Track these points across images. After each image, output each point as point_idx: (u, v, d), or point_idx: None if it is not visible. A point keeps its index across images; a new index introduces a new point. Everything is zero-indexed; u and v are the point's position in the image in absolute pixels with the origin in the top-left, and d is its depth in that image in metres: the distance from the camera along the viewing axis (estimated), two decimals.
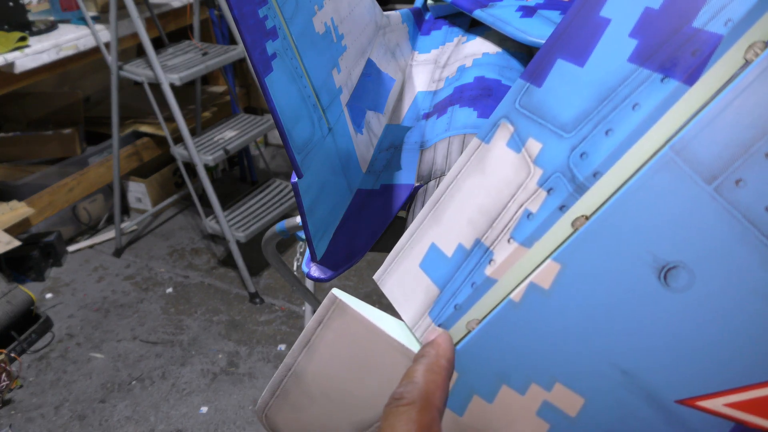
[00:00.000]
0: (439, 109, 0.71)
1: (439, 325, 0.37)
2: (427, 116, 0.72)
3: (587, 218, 0.30)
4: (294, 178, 0.50)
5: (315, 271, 0.57)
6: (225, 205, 2.36)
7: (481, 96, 0.69)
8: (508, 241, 0.33)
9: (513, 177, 0.34)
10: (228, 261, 2.52)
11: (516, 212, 0.33)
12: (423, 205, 0.42)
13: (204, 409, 1.90)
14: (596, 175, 0.30)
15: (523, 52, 0.80)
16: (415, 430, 0.31)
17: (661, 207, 0.28)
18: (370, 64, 0.68)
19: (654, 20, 0.30)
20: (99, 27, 2.31)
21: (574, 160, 0.31)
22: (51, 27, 2.31)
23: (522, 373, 0.34)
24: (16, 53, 2.10)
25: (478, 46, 0.82)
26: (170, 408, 1.91)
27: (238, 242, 2.27)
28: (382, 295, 0.43)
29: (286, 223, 0.93)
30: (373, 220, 0.61)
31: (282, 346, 2.11)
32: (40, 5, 2.43)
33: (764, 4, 0.26)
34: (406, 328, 0.39)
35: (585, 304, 0.31)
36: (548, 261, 0.31)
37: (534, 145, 0.34)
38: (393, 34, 0.80)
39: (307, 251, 0.58)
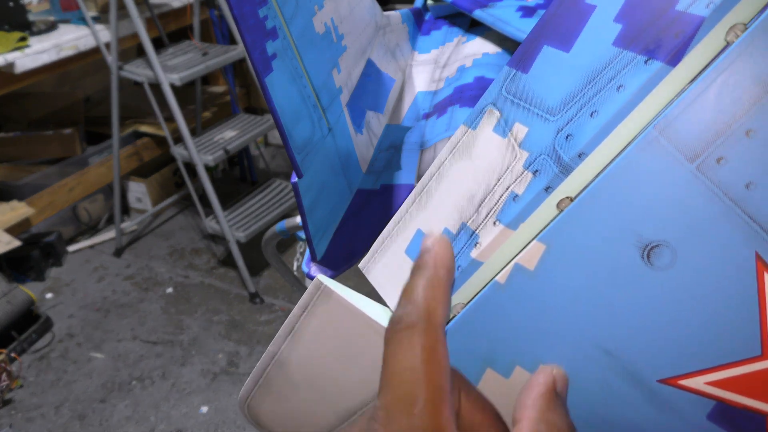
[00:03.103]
0: (439, 109, 0.71)
1: None
2: (427, 116, 0.72)
3: (572, 199, 0.30)
4: (294, 178, 0.50)
5: (315, 271, 0.57)
6: (225, 205, 2.36)
7: (480, 96, 0.69)
8: (494, 223, 0.33)
9: (499, 161, 0.34)
10: (228, 261, 2.52)
11: (502, 195, 0.33)
12: None
13: (204, 409, 1.90)
14: (581, 155, 0.30)
15: None
16: (419, 354, 0.29)
17: (644, 186, 0.28)
18: (370, 64, 0.68)
19: (638, 5, 0.30)
20: (99, 27, 2.31)
21: (559, 141, 0.31)
22: (51, 27, 2.31)
23: (507, 355, 0.33)
24: (17, 53, 2.10)
25: (478, 46, 0.82)
26: (170, 408, 1.91)
27: (238, 242, 2.27)
28: None
29: (286, 223, 0.93)
30: (373, 220, 0.61)
31: None
32: (41, 5, 2.44)
33: None
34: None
35: (569, 284, 0.31)
36: (533, 242, 0.31)
37: (520, 130, 0.34)
38: (393, 34, 0.80)
39: (307, 251, 0.58)
